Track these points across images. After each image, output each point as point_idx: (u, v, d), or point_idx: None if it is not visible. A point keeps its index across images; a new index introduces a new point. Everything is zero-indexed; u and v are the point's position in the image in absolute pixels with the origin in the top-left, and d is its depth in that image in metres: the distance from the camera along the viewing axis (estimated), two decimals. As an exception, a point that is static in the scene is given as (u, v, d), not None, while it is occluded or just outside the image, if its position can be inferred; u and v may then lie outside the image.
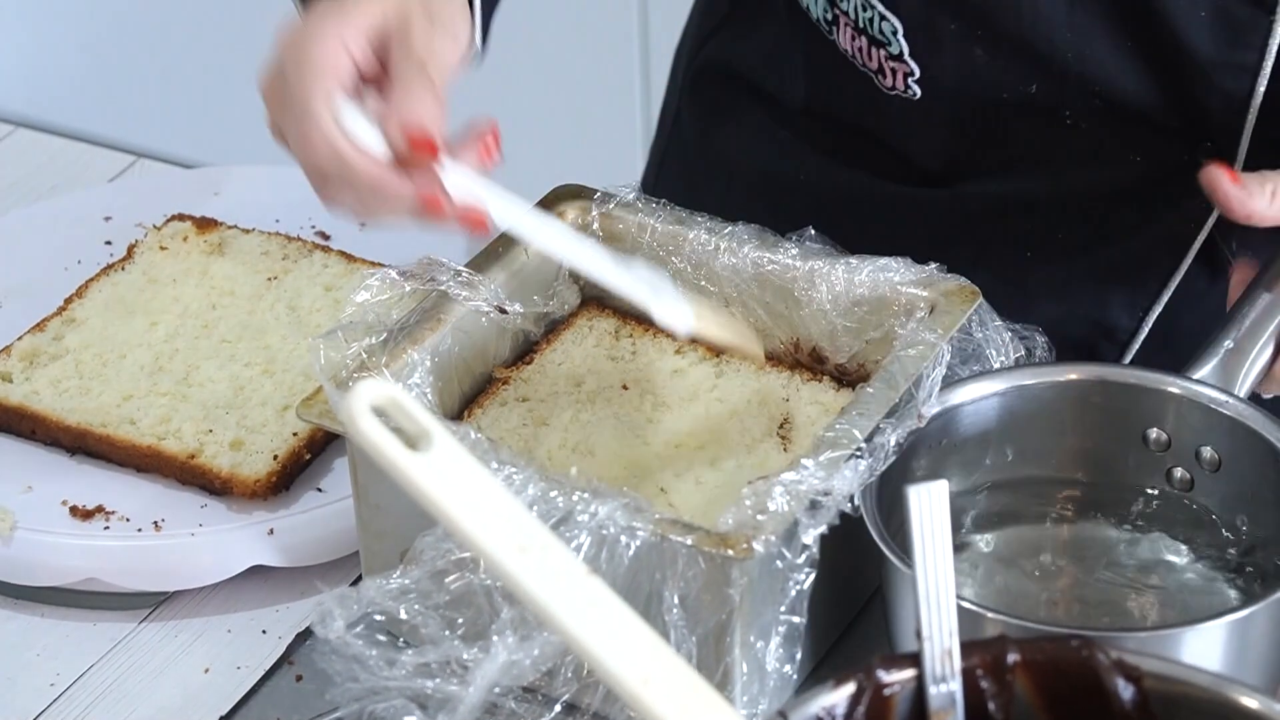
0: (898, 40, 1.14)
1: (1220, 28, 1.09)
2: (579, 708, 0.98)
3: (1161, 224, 1.18)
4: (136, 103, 2.48)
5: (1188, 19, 1.09)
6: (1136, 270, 1.19)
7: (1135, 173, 1.17)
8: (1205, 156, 1.14)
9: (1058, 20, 1.11)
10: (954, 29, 1.13)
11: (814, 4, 1.18)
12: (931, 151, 1.20)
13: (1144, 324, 1.20)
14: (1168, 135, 1.15)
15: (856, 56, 1.17)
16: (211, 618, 1.09)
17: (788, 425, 1.07)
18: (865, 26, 1.15)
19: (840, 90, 1.20)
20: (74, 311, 1.22)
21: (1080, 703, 0.82)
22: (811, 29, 1.19)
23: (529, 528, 0.77)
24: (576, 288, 1.14)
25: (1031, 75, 1.13)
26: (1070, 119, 1.14)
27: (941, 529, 0.81)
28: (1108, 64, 1.12)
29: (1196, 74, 1.11)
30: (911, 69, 1.15)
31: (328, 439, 1.13)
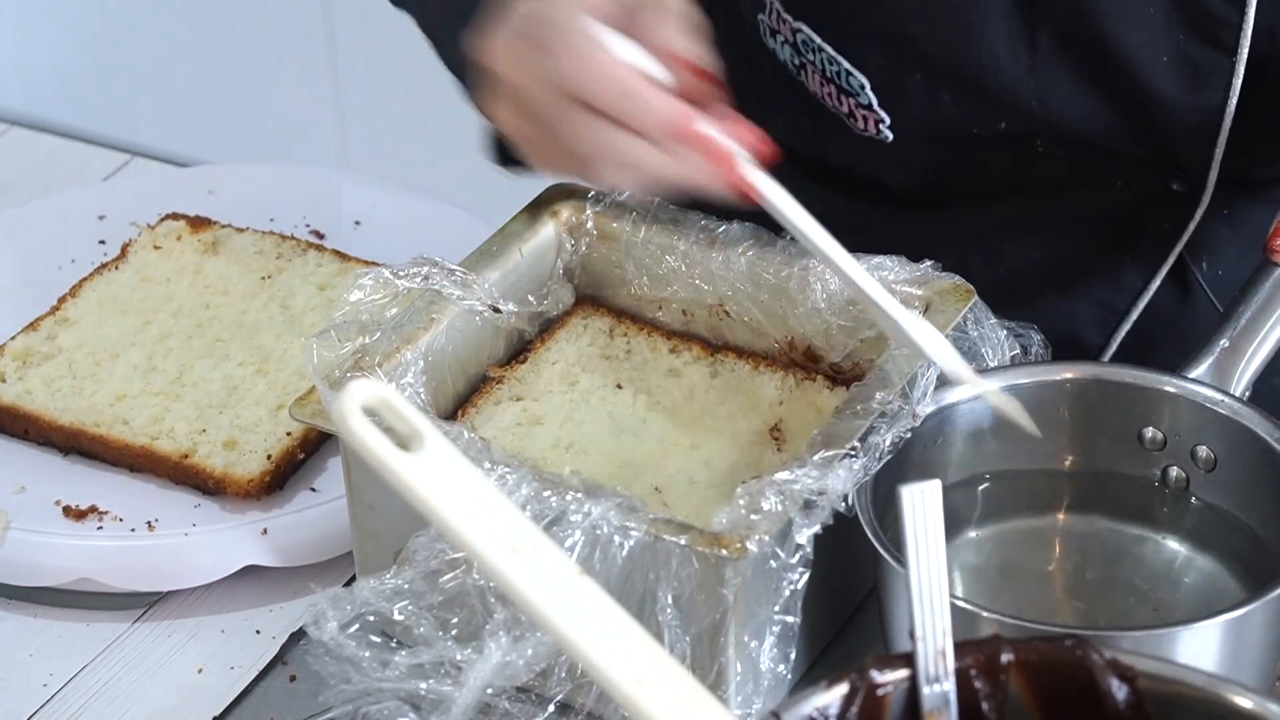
0: (866, 93, 1.15)
1: (1183, 71, 1.09)
2: (573, 708, 0.97)
3: (1133, 245, 1.18)
4: (131, 101, 2.48)
5: (1150, 64, 1.09)
6: (1107, 288, 1.20)
7: (1107, 197, 1.17)
8: (1176, 184, 1.14)
9: (1019, 71, 1.11)
10: (919, 79, 1.14)
11: (780, 49, 1.18)
12: (906, 182, 1.21)
13: (1112, 340, 1.21)
14: (1138, 163, 1.15)
15: (826, 100, 1.18)
16: (205, 618, 1.09)
17: (782, 425, 1.07)
18: (833, 78, 1.16)
19: (811, 127, 1.21)
20: (67, 311, 1.22)
21: (1074, 703, 0.81)
22: (780, 68, 1.20)
23: (521, 528, 0.76)
24: (571, 286, 1.14)
25: (999, 115, 1.14)
26: (1042, 148, 1.15)
27: (935, 528, 0.81)
28: (1073, 108, 1.12)
29: (1162, 114, 1.11)
30: (881, 117, 1.15)
31: (322, 438, 1.13)
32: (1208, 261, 1.18)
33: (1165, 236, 1.17)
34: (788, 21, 1.16)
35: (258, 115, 2.43)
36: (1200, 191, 1.15)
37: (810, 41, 1.15)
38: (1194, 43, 1.08)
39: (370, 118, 2.38)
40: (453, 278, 1.07)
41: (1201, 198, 1.15)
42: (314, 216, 1.32)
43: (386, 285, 1.05)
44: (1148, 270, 1.18)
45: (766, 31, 1.19)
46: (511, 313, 1.10)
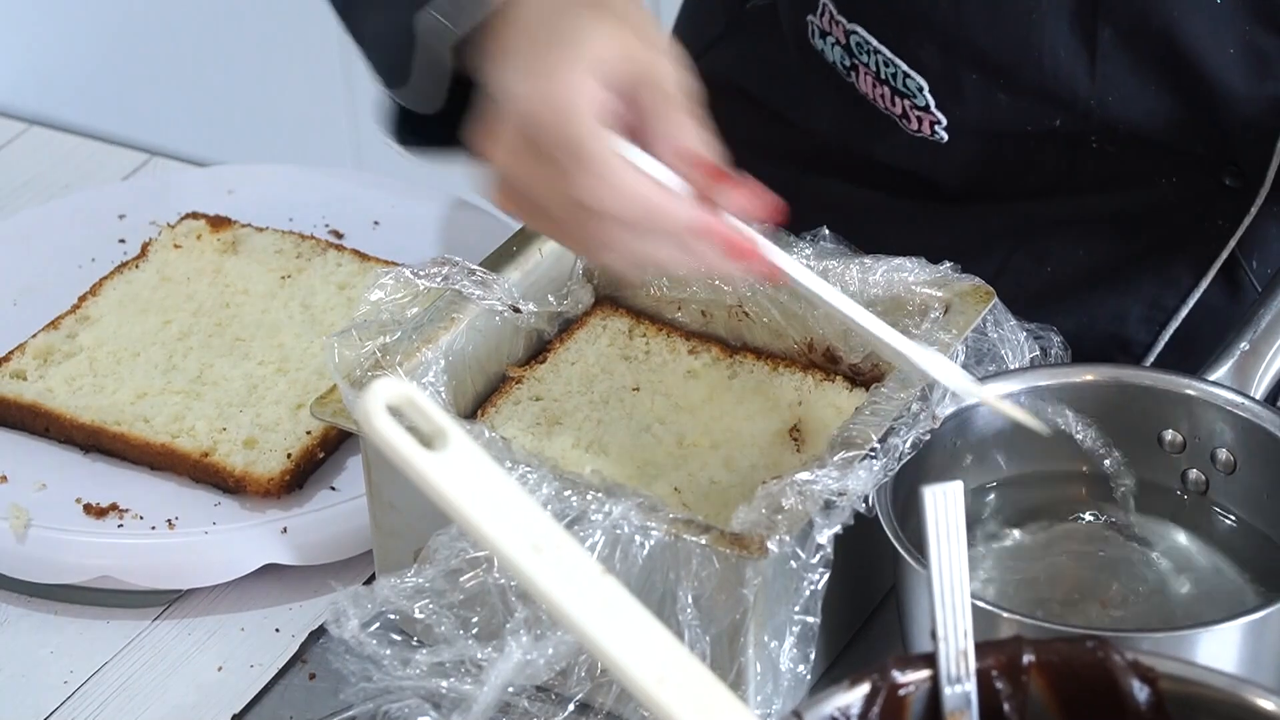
0: (924, 95, 1.14)
1: (1250, 62, 1.09)
2: (592, 707, 0.98)
3: (1184, 242, 1.17)
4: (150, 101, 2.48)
5: (1217, 57, 1.09)
6: (1156, 286, 1.19)
7: (1160, 194, 1.16)
8: (1231, 179, 1.14)
9: (1080, 71, 1.11)
10: (975, 79, 1.13)
11: (829, 49, 1.18)
12: (954, 179, 1.20)
13: (1160, 338, 1.20)
14: (1194, 160, 1.14)
15: (879, 102, 1.17)
16: (225, 616, 1.09)
17: (801, 426, 1.07)
18: (888, 79, 1.15)
19: (859, 127, 1.20)
20: (88, 309, 1.22)
21: (1095, 704, 0.82)
22: (827, 68, 1.19)
23: (544, 527, 0.76)
24: (590, 287, 1.14)
25: (1055, 113, 1.13)
26: (1096, 144, 1.14)
27: (957, 529, 0.81)
28: (1133, 104, 1.12)
29: (1225, 108, 1.11)
30: (938, 118, 1.14)
31: (341, 437, 1.13)
32: (1258, 259, 1.17)
33: (1218, 233, 1.16)
34: (841, 24, 1.15)
35: (274, 116, 2.43)
36: (1257, 187, 1.14)
37: (865, 44, 1.14)
38: (1262, 33, 1.08)
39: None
40: (473, 277, 1.07)
41: (1258, 194, 1.14)
42: (333, 216, 1.32)
43: (407, 285, 1.06)
44: (1199, 268, 1.18)
45: (815, 33, 1.18)
46: (531, 313, 1.10)
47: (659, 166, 0.92)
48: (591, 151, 0.91)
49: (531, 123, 0.92)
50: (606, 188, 0.91)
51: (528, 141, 0.92)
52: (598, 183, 0.91)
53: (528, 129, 0.92)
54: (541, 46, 0.94)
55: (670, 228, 0.92)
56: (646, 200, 0.91)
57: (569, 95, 0.91)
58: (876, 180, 1.23)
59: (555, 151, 0.91)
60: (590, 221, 0.92)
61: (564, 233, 0.95)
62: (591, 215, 0.92)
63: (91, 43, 2.52)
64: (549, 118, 0.91)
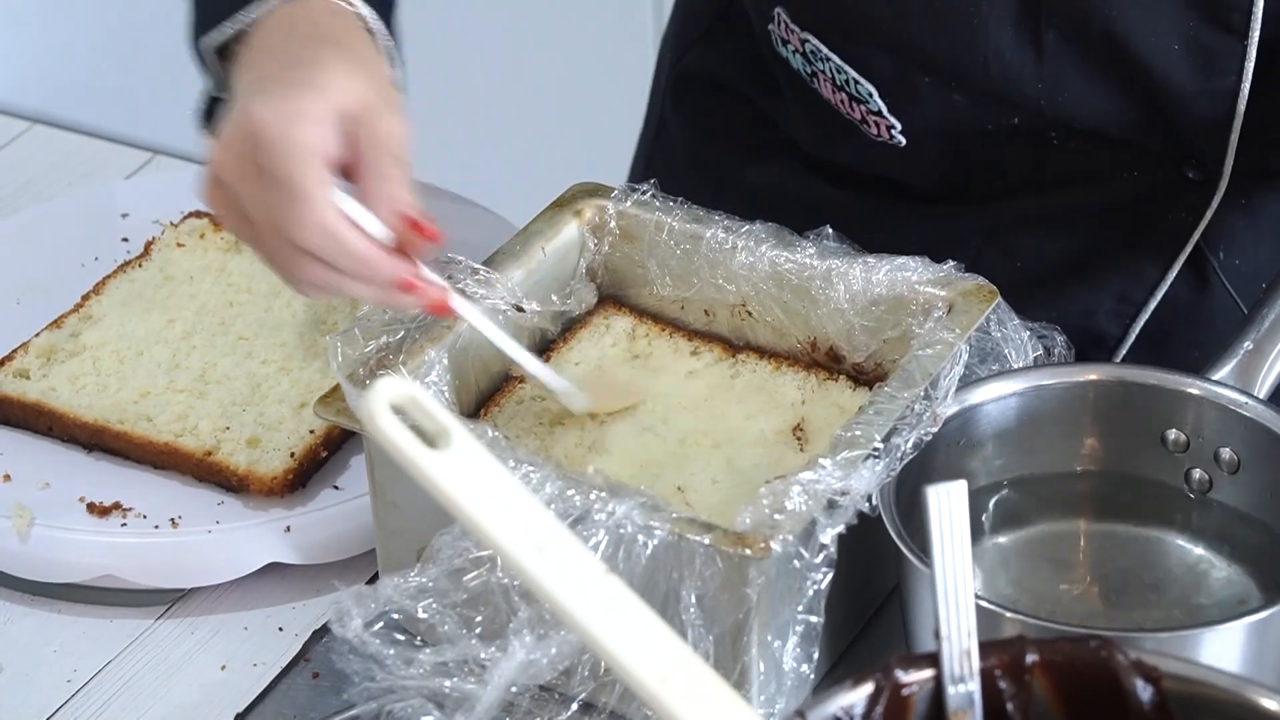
0: (875, 100, 1.15)
1: (1194, 58, 1.09)
2: (595, 706, 0.98)
3: (1149, 236, 1.18)
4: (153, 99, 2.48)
5: (1161, 54, 1.09)
6: (1124, 280, 1.19)
7: (1123, 188, 1.17)
8: (1193, 172, 1.14)
9: (1028, 73, 1.11)
10: (928, 82, 1.14)
11: (792, 57, 1.19)
12: (921, 181, 1.21)
13: (1130, 331, 1.20)
14: (1153, 154, 1.15)
15: (840, 107, 1.18)
16: (228, 615, 1.09)
17: (804, 425, 1.07)
18: (843, 86, 1.16)
19: (826, 130, 1.22)
20: (91, 308, 1.22)
21: (1099, 703, 0.82)
22: (794, 74, 1.20)
23: (547, 526, 0.76)
24: (593, 286, 1.14)
25: (1011, 112, 1.14)
26: (1056, 141, 1.15)
27: (960, 529, 0.81)
28: (1084, 102, 1.12)
29: (1175, 104, 1.11)
30: (893, 123, 1.16)
31: (345, 436, 1.14)
32: (1224, 251, 1.18)
33: (1182, 226, 1.17)
34: (795, 32, 1.17)
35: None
36: (1216, 180, 1.15)
37: (818, 51, 1.16)
38: (1204, 28, 1.08)
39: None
40: (476, 276, 1.07)
41: (1218, 186, 1.15)
42: (336, 215, 1.32)
43: (410, 284, 1.06)
44: (1165, 261, 1.18)
45: (778, 41, 1.20)
46: (535, 312, 1.10)
47: (368, 216, 0.97)
48: (309, 194, 0.96)
49: (261, 143, 0.96)
50: (317, 232, 0.96)
51: (251, 158, 0.97)
52: (309, 226, 0.96)
53: (255, 147, 0.97)
54: (285, 72, 0.99)
55: (376, 277, 0.98)
56: (355, 252, 0.97)
57: (302, 132, 0.96)
58: (844, 181, 1.24)
59: (275, 181, 0.96)
60: (290, 253, 0.98)
61: (262, 247, 1.00)
62: (295, 250, 0.97)
63: (94, 41, 2.52)
64: (278, 146, 0.96)
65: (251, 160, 0.97)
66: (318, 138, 0.97)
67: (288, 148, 0.96)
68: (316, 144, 0.97)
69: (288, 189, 0.96)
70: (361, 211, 0.98)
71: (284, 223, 0.97)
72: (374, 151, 0.98)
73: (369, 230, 0.97)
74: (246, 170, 0.97)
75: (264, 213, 0.97)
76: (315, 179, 0.96)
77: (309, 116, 0.97)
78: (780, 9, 1.18)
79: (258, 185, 0.97)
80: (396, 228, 0.98)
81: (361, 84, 0.99)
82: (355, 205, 0.97)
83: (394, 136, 0.99)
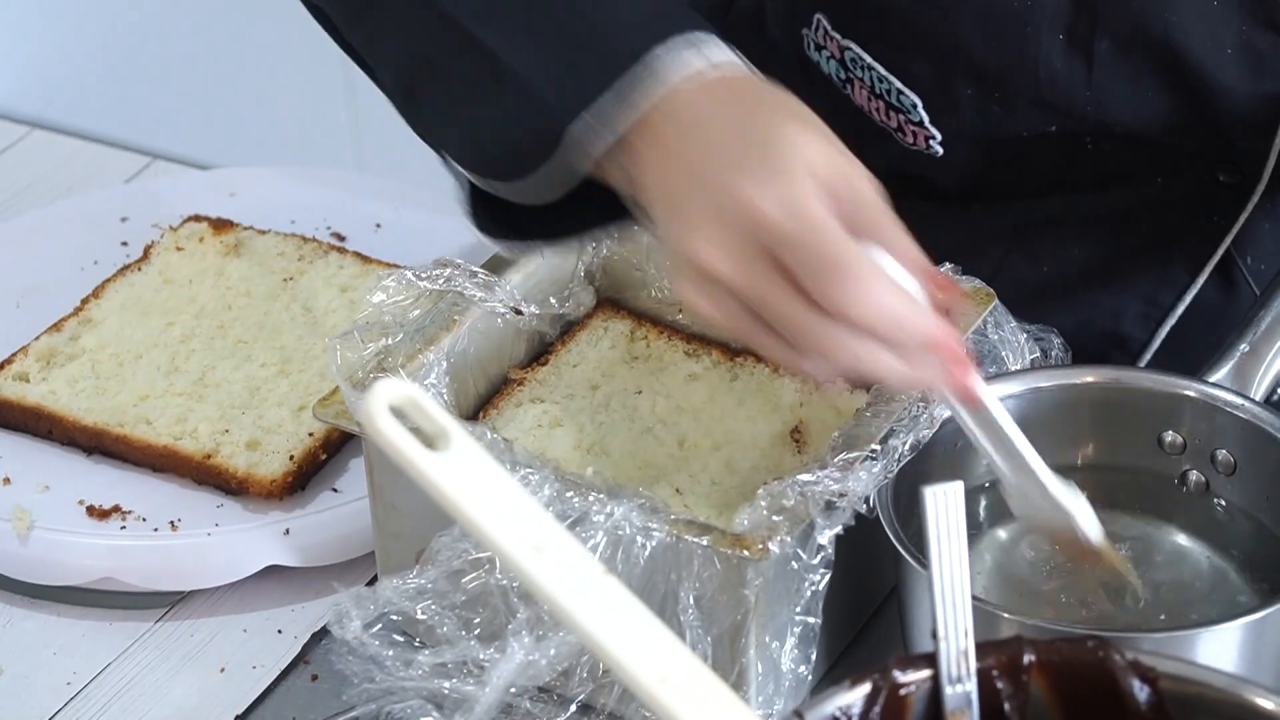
0: (918, 111, 1.14)
1: (1247, 61, 1.09)
2: (594, 708, 0.98)
3: (1179, 240, 1.18)
4: (152, 104, 2.49)
5: (1214, 57, 1.09)
6: (1152, 283, 1.19)
7: (1155, 191, 1.17)
8: (1226, 176, 1.14)
9: (1076, 80, 1.11)
10: (970, 93, 1.13)
11: (825, 62, 1.18)
12: (951, 182, 1.20)
13: (1156, 336, 1.20)
14: (1189, 157, 1.15)
15: (874, 115, 1.17)
16: (227, 617, 1.09)
17: (802, 427, 1.07)
18: (883, 94, 1.15)
19: (853, 135, 1.20)
20: (90, 312, 1.22)
21: (1096, 703, 0.82)
22: (823, 79, 1.19)
23: (546, 528, 0.77)
24: (592, 289, 1.14)
25: (1051, 120, 1.13)
26: (1091, 145, 1.14)
27: (958, 529, 0.81)
28: (1130, 108, 1.12)
29: (1223, 107, 1.11)
30: (933, 134, 1.14)
31: (343, 439, 1.14)
32: (1253, 256, 1.18)
33: (1213, 230, 1.17)
34: (835, 39, 1.15)
35: (276, 118, 2.43)
36: (1254, 183, 1.14)
37: (859, 59, 1.14)
38: (1256, 30, 1.08)
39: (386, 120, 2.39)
40: (474, 279, 1.07)
41: (1254, 190, 1.15)
42: (335, 219, 1.32)
43: (409, 287, 1.06)
44: (1194, 265, 1.18)
45: (810, 46, 1.18)
46: (533, 315, 1.10)
47: (907, 276, 0.90)
48: (850, 260, 0.87)
49: (777, 238, 0.88)
50: (865, 297, 0.87)
51: (760, 246, 0.89)
52: (856, 292, 0.87)
53: (770, 242, 0.88)
54: (754, 149, 0.90)
55: (914, 341, 0.90)
56: (901, 311, 0.89)
57: (809, 202, 0.88)
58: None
59: (805, 260, 0.88)
60: (827, 330, 0.89)
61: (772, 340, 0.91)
62: (831, 324, 0.89)
63: (93, 46, 2.52)
64: (804, 237, 0.88)
65: (761, 254, 0.88)
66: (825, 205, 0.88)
67: (804, 224, 0.87)
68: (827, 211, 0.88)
69: (822, 263, 0.87)
70: (900, 270, 0.90)
71: (824, 297, 0.87)
72: (870, 210, 0.90)
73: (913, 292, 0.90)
74: (757, 266, 0.88)
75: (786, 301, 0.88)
76: (846, 243, 0.88)
77: (813, 194, 0.88)
78: (821, 15, 1.16)
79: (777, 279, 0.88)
80: (929, 287, 0.91)
81: (826, 146, 0.91)
82: (894, 264, 0.89)
83: (877, 193, 0.91)
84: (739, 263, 0.89)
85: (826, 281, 0.87)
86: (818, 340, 0.89)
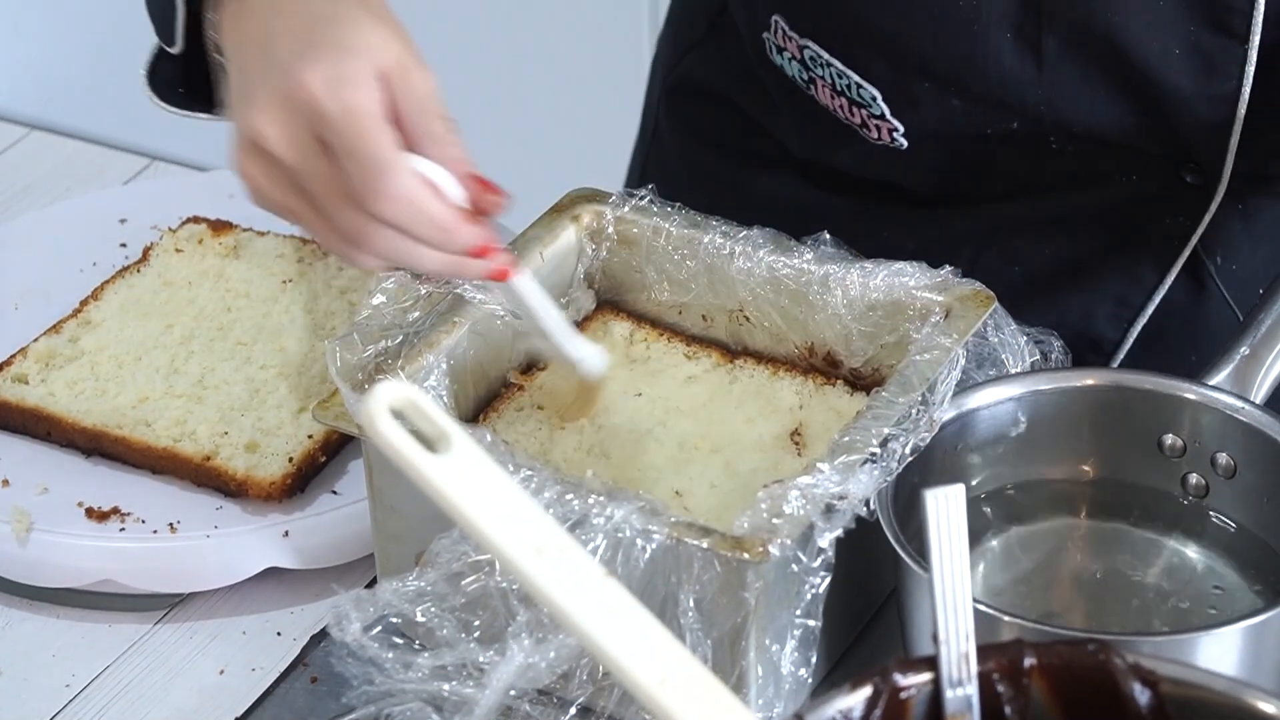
0: (878, 104, 1.15)
1: (1195, 61, 1.10)
2: (594, 711, 0.98)
3: (1147, 239, 1.18)
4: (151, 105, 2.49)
5: (1162, 58, 1.09)
6: (1122, 283, 1.20)
7: (1121, 191, 1.17)
8: (1191, 176, 1.14)
9: (1027, 79, 1.12)
10: (927, 87, 1.14)
11: (787, 64, 1.19)
12: (920, 182, 1.21)
13: (1129, 335, 1.20)
14: (1152, 158, 1.15)
15: (838, 112, 1.18)
16: (226, 619, 1.09)
17: (802, 429, 1.07)
18: (843, 90, 1.16)
19: (823, 137, 1.22)
20: (90, 314, 1.22)
21: (1096, 706, 0.82)
22: (788, 82, 1.20)
23: (546, 530, 0.77)
24: (591, 292, 1.14)
25: (1010, 117, 1.14)
26: (1055, 144, 1.15)
27: (958, 532, 0.81)
28: (1083, 108, 1.12)
29: (1175, 108, 1.11)
30: (895, 125, 1.16)
31: (343, 441, 1.14)
32: (1222, 256, 1.18)
33: (1180, 230, 1.17)
34: (794, 39, 1.17)
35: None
36: (1215, 184, 1.15)
37: (818, 57, 1.16)
38: (1205, 31, 1.09)
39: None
40: (475, 281, 1.07)
41: (1216, 190, 1.15)
42: (334, 221, 1.32)
43: (408, 289, 1.06)
44: (1163, 265, 1.18)
45: (772, 49, 1.20)
46: (532, 317, 1.10)
47: (447, 180, 0.93)
48: (390, 163, 0.91)
49: (321, 117, 0.91)
50: (402, 203, 0.92)
51: (309, 130, 0.92)
52: (393, 196, 0.91)
53: (315, 121, 0.92)
54: (312, 32, 0.93)
55: (456, 244, 0.94)
56: (438, 219, 0.93)
57: (364, 100, 0.91)
58: (841, 186, 1.24)
59: (349, 153, 0.91)
60: (365, 224, 0.93)
61: (319, 221, 0.95)
62: (369, 220, 0.93)
63: (92, 47, 2.52)
64: (343, 119, 0.91)
65: (310, 132, 0.92)
66: (378, 105, 0.92)
67: (353, 121, 0.91)
68: (378, 109, 0.92)
69: (365, 160, 0.91)
70: (441, 175, 0.93)
71: (363, 194, 0.92)
72: (421, 112, 0.94)
73: (448, 194, 0.93)
74: (304, 143, 0.92)
75: (329, 185, 0.93)
76: (391, 146, 0.92)
77: (362, 81, 0.92)
78: (778, 16, 1.18)
79: (321, 158, 0.92)
80: (470, 189, 0.94)
81: (390, 39, 0.94)
82: (434, 169, 0.93)
83: (432, 92, 0.95)
84: (290, 141, 0.92)
85: (359, 175, 0.91)
86: (355, 230, 0.93)
